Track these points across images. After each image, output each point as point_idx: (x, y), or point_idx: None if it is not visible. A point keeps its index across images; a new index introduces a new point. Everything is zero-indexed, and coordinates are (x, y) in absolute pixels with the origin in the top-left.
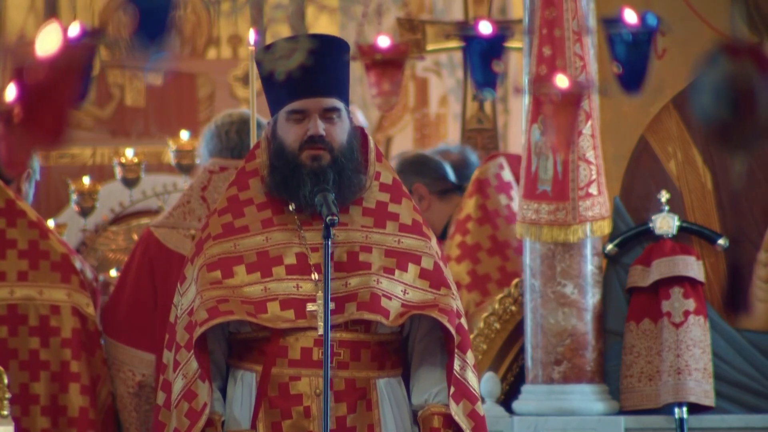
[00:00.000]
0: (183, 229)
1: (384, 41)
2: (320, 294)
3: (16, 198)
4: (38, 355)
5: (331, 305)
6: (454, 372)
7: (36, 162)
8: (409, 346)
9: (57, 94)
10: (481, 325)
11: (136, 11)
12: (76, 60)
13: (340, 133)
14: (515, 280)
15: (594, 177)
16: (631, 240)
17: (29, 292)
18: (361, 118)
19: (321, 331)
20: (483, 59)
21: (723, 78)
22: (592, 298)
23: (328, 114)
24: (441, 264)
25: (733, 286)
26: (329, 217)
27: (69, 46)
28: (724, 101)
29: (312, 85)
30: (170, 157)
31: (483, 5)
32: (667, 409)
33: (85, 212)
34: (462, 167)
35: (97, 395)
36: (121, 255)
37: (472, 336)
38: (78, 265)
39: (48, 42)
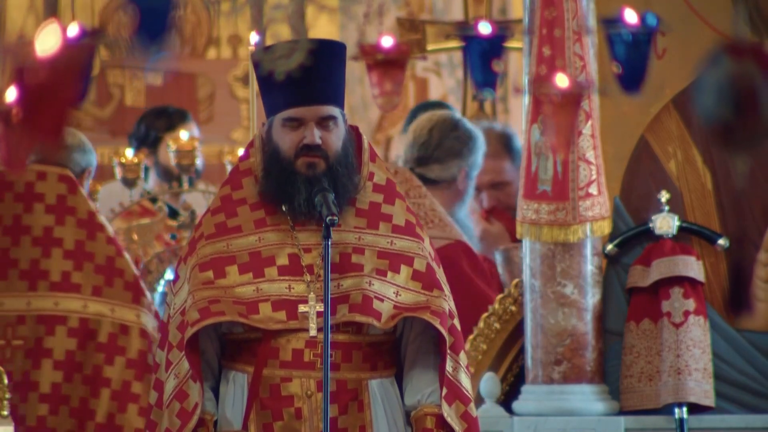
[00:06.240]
0: None
1: (387, 41)
2: (312, 295)
3: (96, 211)
4: (101, 371)
5: (321, 307)
6: (447, 373)
7: (94, 159)
8: (402, 346)
9: (57, 94)
10: (481, 325)
11: (136, 11)
12: (75, 60)
13: (336, 140)
14: (515, 280)
15: (594, 177)
16: (631, 240)
17: (102, 308)
18: None
19: (312, 333)
20: (483, 59)
21: (725, 78)
22: (592, 298)
23: (324, 122)
24: (434, 265)
25: (735, 286)
26: (329, 218)
27: (68, 46)
28: (727, 101)
29: (308, 94)
30: (170, 157)
31: (483, 5)
32: (667, 410)
33: None
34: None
35: None
36: None
37: (472, 336)
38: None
39: (47, 42)
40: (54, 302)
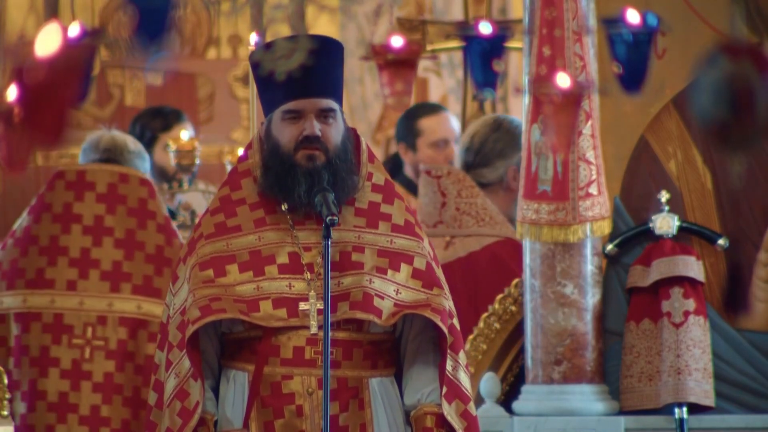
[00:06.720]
0: None
1: (397, 41)
2: (312, 293)
3: (169, 217)
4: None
5: (322, 304)
6: (447, 372)
7: (149, 167)
8: (401, 345)
9: (57, 94)
10: (481, 325)
11: (136, 11)
12: (76, 60)
13: (335, 134)
14: (515, 280)
15: (594, 177)
16: (631, 240)
17: None
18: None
19: (313, 330)
20: (483, 59)
21: (722, 78)
22: (592, 298)
23: (323, 114)
24: (433, 264)
25: (732, 286)
26: (329, 217)
27: (69, 46)
28: (723, 101)
29: (308, 86)
30: (170, 157)
31: (483, 5)
32: (667, 410)
33: None
34: None
35: None
36: None
37: (472, 336)
38: None
39: (48, 42)
40: (137, 306)
